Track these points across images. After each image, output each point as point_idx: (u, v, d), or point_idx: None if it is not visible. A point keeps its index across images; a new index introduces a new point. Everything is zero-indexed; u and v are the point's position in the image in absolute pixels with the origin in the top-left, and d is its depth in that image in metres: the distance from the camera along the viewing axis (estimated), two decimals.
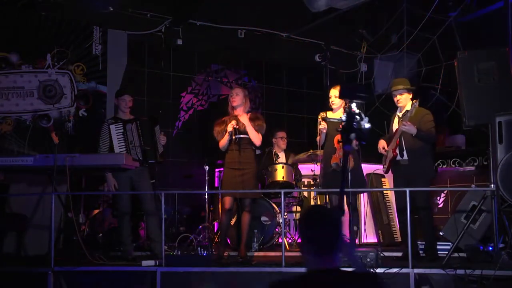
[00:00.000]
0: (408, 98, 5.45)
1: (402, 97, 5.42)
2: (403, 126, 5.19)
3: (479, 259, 4.92)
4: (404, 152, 5.34)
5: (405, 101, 5.43)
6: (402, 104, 5.44)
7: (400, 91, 5.42)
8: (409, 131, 5.21)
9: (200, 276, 4.80)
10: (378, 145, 5.53)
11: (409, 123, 5.19)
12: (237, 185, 5.45)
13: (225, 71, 8.78)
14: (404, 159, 5.34)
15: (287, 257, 4.98)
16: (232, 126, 5.43)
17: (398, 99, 5.42)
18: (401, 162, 5.36)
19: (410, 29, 7.85)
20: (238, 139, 5.49)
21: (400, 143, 5.35)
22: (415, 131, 5.20)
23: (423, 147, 5.35)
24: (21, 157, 5.38)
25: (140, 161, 5.56)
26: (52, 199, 4.99)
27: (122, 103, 5.71)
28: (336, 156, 5.46)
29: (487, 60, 4.97)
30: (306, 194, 7.12)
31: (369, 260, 4.70)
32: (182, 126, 8.35)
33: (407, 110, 5.39)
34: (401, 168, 5.38)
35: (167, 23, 7.92)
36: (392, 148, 5.36)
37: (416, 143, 5.30)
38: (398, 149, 5.34)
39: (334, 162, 5.46)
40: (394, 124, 5.53)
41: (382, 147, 5.48)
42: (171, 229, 7.11)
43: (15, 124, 6.85)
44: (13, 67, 6.88)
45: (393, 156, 5.35)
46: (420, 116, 5.31)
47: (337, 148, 5.48)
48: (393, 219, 7.36)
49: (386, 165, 5.48)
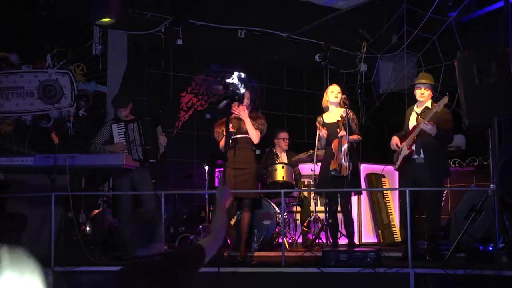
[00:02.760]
0: (430, 95, 5.37)
1: (426, 92, 5.32)
2: (424, 125, 5.05)
3: (479, 259, 4.92)
4: (421, 150, 5.20)
5: (428, 97, 5.34)
6: (424, 99, 5.32)
7: (427, 85, 5.32)
8: (430, 131, 5.07)
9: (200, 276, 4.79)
10: (391, 141, 5.40)
11: (431, 122, 5.04)
12: (237, 185, 5.46)
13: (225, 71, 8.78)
14: (420, 157, 5.21)
15: (287, 257, 4.98)
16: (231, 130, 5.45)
17: (423, 93, 5.30)
18: (416, 160, 5.23)
19: (410, 29, 7.85)
20: (235, 139, 5.51)
21: (417, 140, 5.21)
22: (435, 131, 5.06)
23: (440, 147, 5.24)
24: (21, 157, 5.38)
25: (141, 161, 5.56)
26: (52, 199, 4.99)
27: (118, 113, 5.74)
28: (334, 161, 5.49)
29: (487, 60, 4.97)
30: (306, 194, 7.11)
31: (369, 260, 4.70)
32: (182, 126, 8.34)
33: (426, 106, 5.29)
34: (414, 167, 5.24)
35: (167, 23, 7.92)
36: (408, 145, 5.22)
37: (434, 142, 5.17)
38: (415, 146, 5.22)
39: (333, 169, 5.49)
40: (410, 120, 5.38)
41: (395, 143, 5.35)
42: (171, 229, 7.11)
43: (15, 124, 6.85)
44: (13, 67, 6.88)
45: (409, 153, 5.21)
46: (440, 114, 5.17)
47: (336, 153, 5.51)
48: (393, 219, 7.36)
49: (398, 162, 5.33)
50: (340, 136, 5.49)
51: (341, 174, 5.45)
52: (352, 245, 5.73)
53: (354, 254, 4.78)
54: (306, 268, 4.79)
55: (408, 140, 5.24)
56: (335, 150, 5.52)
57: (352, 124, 5.59)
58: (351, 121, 5.59)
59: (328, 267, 4.73)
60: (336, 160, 5.48)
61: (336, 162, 5.47)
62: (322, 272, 4.67)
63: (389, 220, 7.33)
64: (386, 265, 4.76)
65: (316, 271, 4.69)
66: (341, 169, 5.45)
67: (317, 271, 4.68)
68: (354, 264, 4.71)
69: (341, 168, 5.45)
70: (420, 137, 5.18)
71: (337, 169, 5.44)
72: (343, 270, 4.69)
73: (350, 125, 5.54)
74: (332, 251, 4.91)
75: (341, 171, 5.45)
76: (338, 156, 5.47)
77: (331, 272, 4.68)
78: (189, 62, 8.45)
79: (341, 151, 5.47)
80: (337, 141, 5.52)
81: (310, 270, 4.74)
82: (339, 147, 5.49)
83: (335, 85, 5.84)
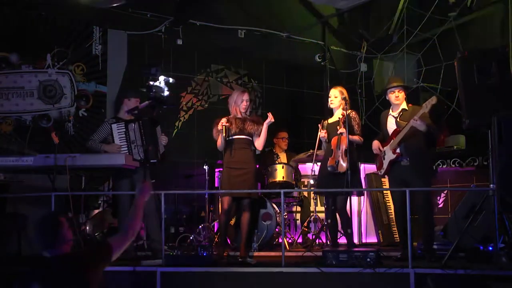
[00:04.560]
0: (404, 97, 5.44)
1: (400, 94, 5.40)
2: (414, 122, 5.10)
3: (479, 259, 4.92)
4: (404, 153, 5.28)
5: (402, 98, 5.42)
6: (399, 101, 5.40)
7: (400, 87, 5.40)
8: (420, 127, 5.13)
9: (200, 276, 4.81)
10: (372, 145, 5.48)
11: (421, 119, 5.10)
12: (237, 185, 5.46)
13: (225, 71, 8.78)
14: (405, 160, 5.29)
15: (287, 257, 4.98)
16: (222, 124, 5.45)
17: (397, 96, 5.38)
18: (402, 163, 5.31)
19: (410, 29, 7.85)
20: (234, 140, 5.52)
21: (401, 144, 5.27)
22: (425, 127, 5.14)
23: (422, 148, 5.32)
24: (21, 157, 5.38)
25: (142, 161, 5.56)
26: (52, 199, 4.99)
27: (132, 105, 5.70)
28: (332, 158, 5.49)
29: (487, 60, 4.96)
30: (306, 194, 7.12)
31: (369, 260, 4.70)
32: (182, 126, 8.34)
33: (403, 108, 5.38)
34: (400, 170, 5.32)
35: (167, 23, 7.93)
36: (392, 149, 5.31)
37: (416, 144, 5.26)
38: (400, 150, 5.27)
39: (330, 165, 5.50)
40: (388, 124, 5.46)
41: (378, 147, 5.43)
42: (171, 229, 7.11)
43: (15, 124, 6.85)
44: (13, 67, 6.88)
45: (396, 156, 5.28)
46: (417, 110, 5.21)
47: (334, 149, 5.51)
48: (393, 219, 7.34)
49: (384, 167, 5.39)
50: (339, 133, 5.49)
51: (338, 171, 5.44)
52: (351, 245, 5.73)
53: (354, 254, 4.78)
54: (306, 268, 4.79)
55: (392, 144, 5.30)
56: (333, 147, 5.52)
57: (354, 124, 5.59)
58: (353, 120, 5.59)
59: (328, 267, 4.74)
60: (334, 156, 5.49)
61: (333, 158, 5.48)
62: (322, 272, 4.67)
63: (389, 220, 7.33)
64: (386, 265, 4.76)
65: (316, 271, 4.69)
66: (338, 165, 5.44)
67: (317, 271, 4.68)
68: (354, 264, 4.71)
69: (338, 165, 5.44)
70: (404, 141, 5.24)
71: (334, 166, 5.45)
72: (343, 270, 4.69)
73: (352, 125, 5.54)
74: (332, 251, 4.91)
75: (337, 168, 5.45)
76: (336, 152, 5.48)
77: (331, 272, 4.68)
78: (189, 62, 8.44)
79: (339, 148, 5.48)
80: (336, 138, 5.53)
81: (310, 270, 4.74)
82: (337, 144, 5.50)
83: (333, 90, 5.78)
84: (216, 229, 6.66)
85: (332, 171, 5.48)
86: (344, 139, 5.47)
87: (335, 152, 5.49)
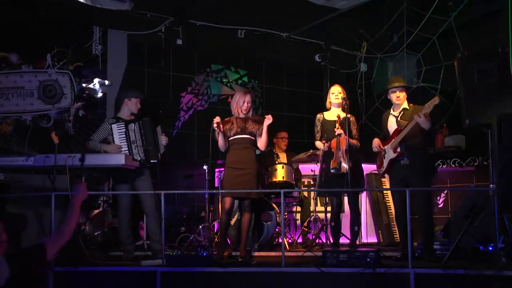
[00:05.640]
0: (405, 97, 5.47)
1: (401, 94, 5.44)
2: (419, 118, 5.12)
3: (479, 259, 4.92)
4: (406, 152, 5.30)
5: (403, 98, 5.45)
6: (400, 101, 5.44)
7: (401, 87, 5.44)
8: (424, 123, 5.17)
9: (200, 276, 4.81)
10: (373, 143, 5.52)
11: (426, 116, 5.15)
12: (238, 185, 5.45)
13: (225, 71, 8.78)
14: (405, 159, 5.32)
15: (287, 257, 4.99)
16: (215, 123, 5.45)
17: (398, 96, 5.42)
18: (401, 162, 5.34)
19: (410, 29, 7.85)
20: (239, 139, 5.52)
21: (402, 143, 5.30)
22: (429, 124, 5.20)
23: (422, 147, 5.35)
24: (21, 157, 5.37)
25: (142, 161, 5.55)
26: (52, 199, 4.99)
27: (133, 105, 5.70)
28: (334, 160, 5.54)
29: (487, 60, 4.96)
30: (306, 194, 7.12)
31: (369, 260, 4.70)
32: (182, 126, 8.34)
33: (404, 108, 5.41)
34: (399, 169, 5.35)
35: (167, 23, 7.93)
36: (393, 148, 5.33)
37: (416, 143, 5.29)
38: (401, 149, 5.30)
39: (333, 167, 5.54)
40: (389, 123, 5.50)
41: (378, 145, 5.46)
42: (171, 229, 7.11)
43: (15, 124, 6.84)
44: (13, 67, 6.87)
45: (397, 155, 5.31)
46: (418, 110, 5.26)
47: (334, 152, 5.55)
48: (393, 219, 7.35)
49: (385, 165, 5.44)
50: (337, 134, 5.53)
51: (341, 172, 5.49)
52: (353, 245, 5.74)
53: (354, 254, 4.78)
54: (306, 268, 4.79)
55: (393, 143, 5.33)
56: (333, 149, 5.57)
57: (353, 129, 5.67)
58: (352, 125, 5.66)
59: (328, 267, 4.74)
60: (335, 158, 5.54)
61: (335, 160, 5.54)
62: (322, 272, 4.67)
63: (389, 220, 7.33)
64: (386, 265, 4.76)
65: (316, 271, 4.69)
66: (341, 167, 5.50)
67: (317, 271, 4.68)
68: (354, 264, 4.71)
69: (340, 166, 5.50)
70: (405, 140, 5.27)
71: (337, 167, 5.51)
72: (343, 270, 4.69)
73: (350, 129, 5.59)
74: (332, 251, 4.91)
75: (340, 169, 5.50)
76: (337, 154, 5.54)
77: (331, 272, 4.68)
78: (189, 62, 8.45)
79: (339, 149, 5.52)
80: (335, 140, 5.57)
81: (310, 270, 4.74)
82: (337, 146, 5.54)
83: (336, 86, 5.86)
84: (216, 229, 6.66)
85: (336, 172, 5.52)
86: (343, 140, 5.51)
87: (336, 154, 5.54)
